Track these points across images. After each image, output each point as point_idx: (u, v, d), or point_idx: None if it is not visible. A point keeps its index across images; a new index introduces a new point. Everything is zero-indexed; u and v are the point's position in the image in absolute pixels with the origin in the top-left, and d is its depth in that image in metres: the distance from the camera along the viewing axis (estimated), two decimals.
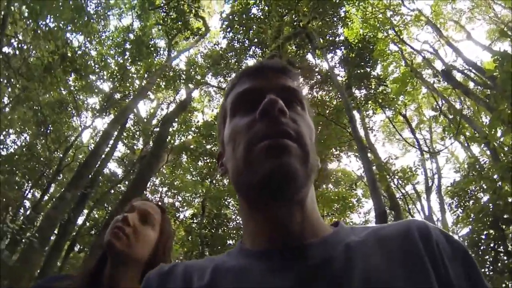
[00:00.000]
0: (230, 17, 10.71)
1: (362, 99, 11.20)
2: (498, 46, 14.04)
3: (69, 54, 9.93)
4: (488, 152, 13.00)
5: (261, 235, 0.60)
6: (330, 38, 11.15)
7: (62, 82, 12.34)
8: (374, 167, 9.27)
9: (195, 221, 11.28)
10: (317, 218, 0.62)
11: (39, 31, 9.21)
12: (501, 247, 6.59)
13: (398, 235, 0.56)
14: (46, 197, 14.40)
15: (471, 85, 13.36)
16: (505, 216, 6.42)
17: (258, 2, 10.43)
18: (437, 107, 14.18)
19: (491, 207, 6.61)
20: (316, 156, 0.63)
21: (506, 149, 11.62)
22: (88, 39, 12.50)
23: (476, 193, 10.55)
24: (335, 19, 11.22)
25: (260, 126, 0.57)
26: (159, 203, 1.31)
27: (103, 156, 11.49)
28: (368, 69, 11.05)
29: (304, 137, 0.58)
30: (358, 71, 10.73)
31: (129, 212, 1.20)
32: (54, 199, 12.20)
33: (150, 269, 1.12)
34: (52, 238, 9.85)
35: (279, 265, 0.55)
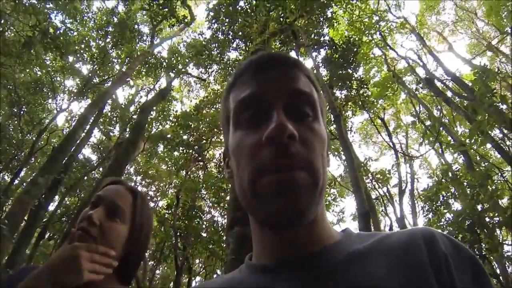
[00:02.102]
0: (217, 8, 10.61)
1: (343, 99, 11.32)
2: (478, 60, 14.49)
3: (51, 30, 9.58)
4: (460, 160, 13.43)
5: (267, 248, 0.60)
6: (315, 37, 11.20)
7: (41, 60, 11.97)
8: None
9: (168, 212, 11.14)
10: (324, 227, 0.60)
11: (17, 2, 8.85)
12: (476, 250, 6.78)
13: (403, 244, 0.55)
14: (16, 181, 13.97)
15: (448, 94, 13.73)
16: (481, 221, 6.63)
17: None
18: (416, 113, 14.55)
19: (467, 212, 6.78)
20: (327, 165, 0.60)
21: (478, 158, 12.07)
22: (70, 19, 12.15)
23: (447, 198, 10.89)
24: (322, 19, 11.27)
25: (266, 154, 0.52)
26: (132, 187, 1.16)
27: (78, 141, 11.18)
28: (351, 71, 11.16)
29: (315, 162, 0.54)
30: (341, 72, 10.82)
31: (96, 205, 1.06)
32: (25, 184, 11.83)
33: (124, 266, 1.05)
34: (22, 224, 9.51)
35: (280, 277, 0.55)
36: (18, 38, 9.22)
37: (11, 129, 13.87)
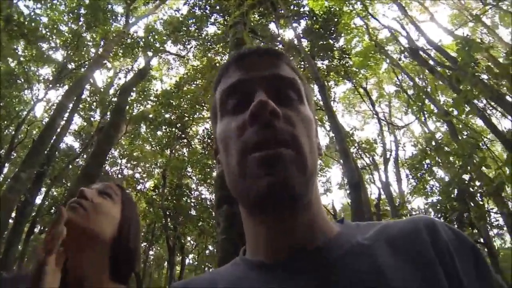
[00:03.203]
0: None
1: (325, 70, 11.29)
2: (461, 31, 14.50)
3: (16, 17, 9.08)
4: (442, 129, 13.65)
5: (262, 243, 0.57)
6: (295, 8, 11.02)
7: (8, 50, 11.45)
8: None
9: (156, 192, 11.12)
10: (322, 218, 0.59)
11: None
12: (465, 219, 6.95)
13: (406, 234, 0.55)
14: (0, 179, 13.66)
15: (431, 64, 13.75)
16: (468, 190, 6.75)
17: None
18: (399, 82, 14.63)
19: (456, 181, 6.89)
20: (316, 150, 0.59)
21: (460, 126, 12.26)
22: (37, 4, 11.57)
23: (431, 166, 11.12)
24: None
25: (251, 133, 0.52)
26: (118, 183, 1.21)
27: (58, 130, 10.88)
28: (332, 41, 11.08)
29: (300, 139, 0.54)
30: (322, 42, 10.73)
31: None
32: (8, 180, 11.54)
33: (116, 251, 1.01)
34: (10, 221, 9.34)
35: (282, 275, 0.53)
36: None
37: None
